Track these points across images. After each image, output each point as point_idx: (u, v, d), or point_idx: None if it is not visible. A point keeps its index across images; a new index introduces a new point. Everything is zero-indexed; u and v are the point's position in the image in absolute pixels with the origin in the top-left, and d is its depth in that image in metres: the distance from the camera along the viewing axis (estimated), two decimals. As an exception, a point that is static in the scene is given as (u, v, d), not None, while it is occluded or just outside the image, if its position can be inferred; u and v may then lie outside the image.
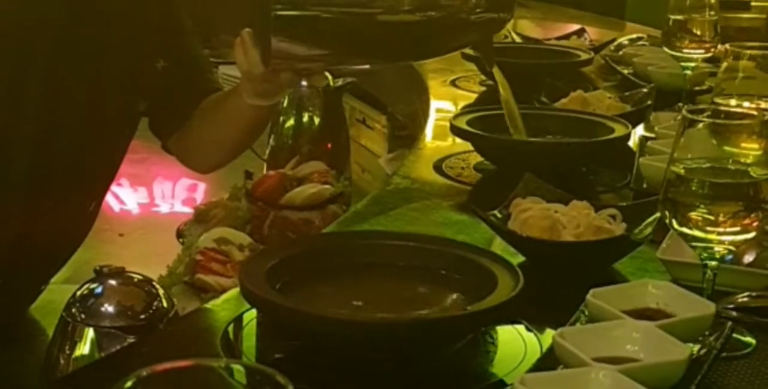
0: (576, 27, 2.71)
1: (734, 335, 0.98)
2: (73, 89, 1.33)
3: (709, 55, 1.87)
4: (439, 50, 1.47)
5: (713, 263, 0.95)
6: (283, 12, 1.20)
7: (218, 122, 1.41)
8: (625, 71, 2.18)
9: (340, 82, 2.40)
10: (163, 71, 1.40)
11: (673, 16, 1.88)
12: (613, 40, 2.52)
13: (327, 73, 2.11)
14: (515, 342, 1.00)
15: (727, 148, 0.94)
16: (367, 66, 1.98)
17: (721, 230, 0.92)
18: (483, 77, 2.19)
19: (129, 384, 0.51)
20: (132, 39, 1.37)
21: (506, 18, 1.38)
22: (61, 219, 1.37)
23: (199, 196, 3.19)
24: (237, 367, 0.54)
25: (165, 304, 1.24)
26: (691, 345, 0.89)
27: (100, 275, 1.25)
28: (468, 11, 1.32)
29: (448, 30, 1.33)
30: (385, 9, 1.25)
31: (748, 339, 1.00)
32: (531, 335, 1.01)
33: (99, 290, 1.23)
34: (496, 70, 1.51)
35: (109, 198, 3.13)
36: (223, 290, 1.34)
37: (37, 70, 1.31)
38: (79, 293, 1.23)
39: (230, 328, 1.02)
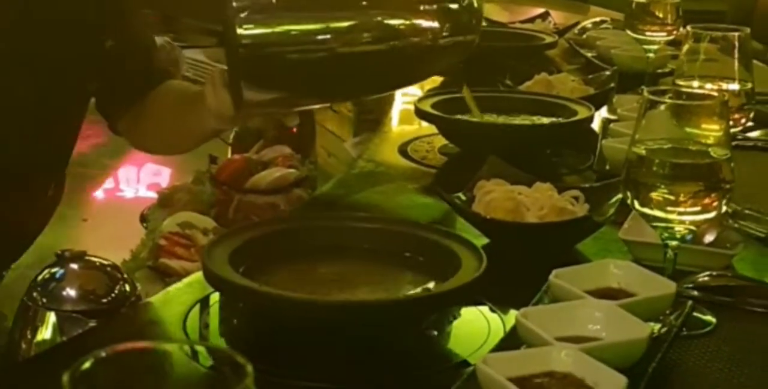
0: (540, 10, 2.71)
1: (694, 314, 0.99)
2: (23, 71, 1.31)
3: (672, 38, 1.89)
4: (410, 79, 1.46)
5: (674, 243, 0.96)
6: (250, 51, 1.18)
7: (178, 124, 1.40)
8: (589, 54, 2.19)
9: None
10: (111, 51, 1.38)
11: (635, 0, 1.89)
12: (577, 23, 2.53)
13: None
14: (479, 323, 1.01)
15: (687, 129, 0.95)
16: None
17: (681, 210, 0.93)
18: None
19: (87, 364, 0.50)
20: (79, 18, 1.34)
21: (473, 40, 1.37)
22: (19, 205, 1.35)
23: (164, 180, 3.18)
24: (196, 348, 0.54)
25: (127, 288, 1.23)
26: (652, 323, 0.90)
27: (62, 259, 1.24)
28: (433, 38, 1.31)
29: (417, 58, 1.32)
30: (347, 42, 1.24)
31: (708, 318, 1.01)
32: (494, 315, 1.02)
33: (60, 274, 1.22)
34: (465, 91, 1.53)
35: (72, 183, 3.10)
36: (187, 275, 1.33)
37: None
38: (40, 277, 1.22)
39: (193, 312, 1.02)
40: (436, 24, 1.29)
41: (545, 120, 1.59)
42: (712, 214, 0.93)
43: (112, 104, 1.44)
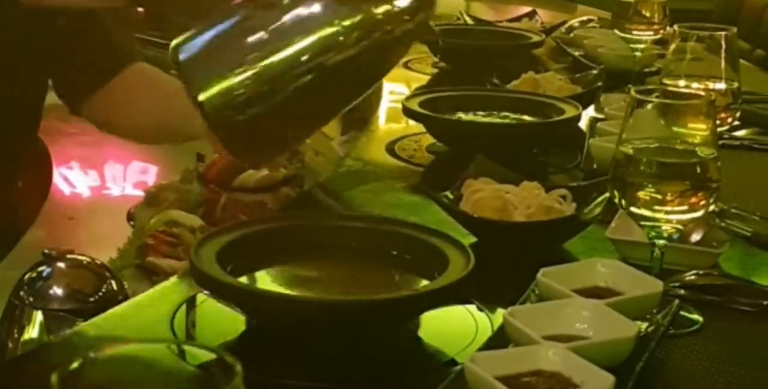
0: (527, 9, 2.72)
1: (681, 312, 1.00)
2: None
3: (658, 37, 1.90)
4: (390, 66, 1.45)
5: (661, 242, 0.96)
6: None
7: (159, 123, 1.38)
8: (576, 53, 2.20)
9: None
10: (65, 31, 1.34)
11: (622, -1, 1.89)
12: (564, 22, 2.53)
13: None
14: (466, 322, 1.01)
15: (674, 128, 0.95)
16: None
17: (668, 209, 0.93)
18: (436, 59, 2.20)
19: (76, 365, 0.50)
20: None
21: (431, 11, 1.36)
22: None
23: (151, 179, 3.17)
24: (185, 348, 0.54)
25: (115, 287, 1.23)
26: (639, 322, 0.90)
27: (48, 257, 1.23)
28: (396, 23, 1.29)
29: (389, 45, 1.30)
30: (320, 60, 1.18)
31: (695, 317, 1.01)
32: (482, 314, 1.02)
33: (47, 273, 1.21)
34: None
35: (59, 181, 3.09)
36: (175, 273, 1.33)
37: None
38: (27, 276, 1.21)
39: (181, 310, 1.02)
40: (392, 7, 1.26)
41: (532, 119, 1.59)
42: (699, 213, 0.94)
43: (72, 86, 1.39)
